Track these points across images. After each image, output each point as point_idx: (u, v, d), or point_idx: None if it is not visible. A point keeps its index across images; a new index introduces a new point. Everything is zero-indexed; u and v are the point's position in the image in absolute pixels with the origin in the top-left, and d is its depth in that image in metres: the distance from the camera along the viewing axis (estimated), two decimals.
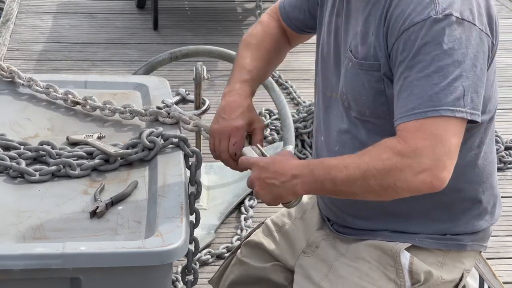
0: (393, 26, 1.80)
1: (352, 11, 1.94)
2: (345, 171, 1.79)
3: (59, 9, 6.23)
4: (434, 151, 1.72)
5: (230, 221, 3.75)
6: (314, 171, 1.83)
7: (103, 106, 2.20)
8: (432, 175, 1.73)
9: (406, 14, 1.78)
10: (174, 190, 1.86)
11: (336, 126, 2.00)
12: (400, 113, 1.77)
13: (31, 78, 2.30)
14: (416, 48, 1.75)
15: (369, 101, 1.89)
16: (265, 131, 4.49)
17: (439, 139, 1.73)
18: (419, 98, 1.74)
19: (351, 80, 1.92)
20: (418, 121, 1.74)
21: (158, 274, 1.70)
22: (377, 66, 1.85)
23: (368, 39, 1.87)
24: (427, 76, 1.74)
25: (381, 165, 1.75)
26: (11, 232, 1.72)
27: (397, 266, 1.95)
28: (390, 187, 1.76)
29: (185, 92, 2.26)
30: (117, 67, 5.31)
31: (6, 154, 1.96)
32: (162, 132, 2.03)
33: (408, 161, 1.73)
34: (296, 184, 1.85)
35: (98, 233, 1.74)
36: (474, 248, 2.03)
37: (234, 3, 6.48)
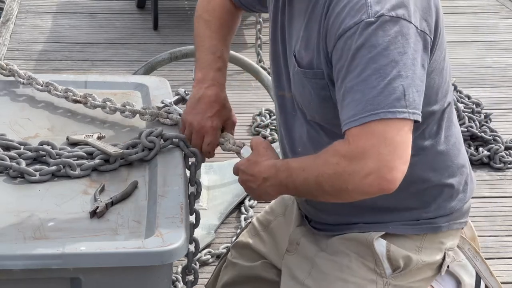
0: (330, 32, 1.76)
1: (294, 13, 1.91)
2: (302, 174, 1.80)
3: (59, 9, 6.23)
4: (378, 153, 1.69)
5: (230, 221, 3.75)
6: (278, 173, 1.86)
7: (103, 104, 2.20)
8: (379, 178, 1.69)
9: (340, 19, 1.74)
10: (174, 190, 1.86)
11: (297, 127, 1.98)
12: (344, 120, 1.74)
13: (30, 76, 2.30)
14: (352, 53, 1.72)
15: (317, 107, 1.88)
16: (265, 131, 4.49)
17: (382, 140, 1.69)
18: (359, 104, 1.70)
19: (298, 86, 1.90)
20: (360, 127, 1.70)
21: (158, 274, 1.70)
22: (321, 74, 1.82)
23: (310, 45, 1.83)
24: (364, 80, 1.70)
25: (331, 170, 1.74)
26: (11, 232, 1.72)
27: (375, 255, 1.95)
28: (343, 191, 1.75)
29: (184, 92, 2.26)
30: (117, 67, 5.30)
31: (6, 154, 1.96)
32: (162, 132, 2.03)
33: (354, 166, 1.71)
34: (268, 187, 1.89)
35: (98, 233, 1.74)
36: (452, 227, 2.01)
37: None
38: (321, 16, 1.80)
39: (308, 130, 1.94)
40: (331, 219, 2.03)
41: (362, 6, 1.72)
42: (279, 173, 1.85)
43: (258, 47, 5.32)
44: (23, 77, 2.31)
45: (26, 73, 2.33)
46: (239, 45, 5.64)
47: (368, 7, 1.72)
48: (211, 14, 2.17)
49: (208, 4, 2.20)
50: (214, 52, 2.12)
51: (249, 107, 4.83)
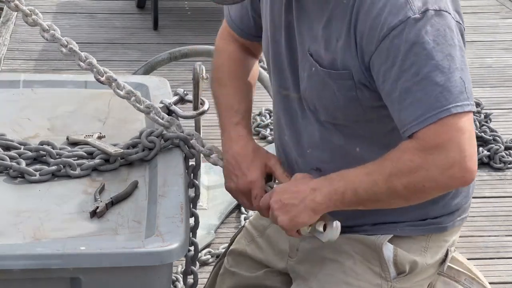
0: (369, 35, 1.71)
1: (303, 10, 1.84)
2: (367, 178, 1.73)
3: (58, 9, 6.23)
4: (458, 144, 1.66)
5: (230, 221, 3.75)
6: (333, 182, 1.77)
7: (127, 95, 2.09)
8: (462, 168, 1.67)
9: (382, 20, 1.69)
10: (174, 190, 1.86)
11: (304, 128, 1.92)
12: (409, 122, 1.70)
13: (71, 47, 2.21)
14: (403, 52, 1.68)
15: (341, 107, 1.82)
16: (265, 131, 4.49)
17: (460, 131, 1.67)
18: (425, 102, 1.67)
19: (317, 87, 1.83)
20: (431, 126, 1.67)
21: (158, 274, 1.69)
22: (348, 75, 1.77)
23: (332, 45, 1.78)
24: (425, 78, 1.67)
25: (405, 167, 1.69)
26: (11, 232, 1.72)
27: (381, 259, 1.92)
28: (418, 189, 1.71)
29: (183, 92, 2.25)
30: (117, 67, 5.30)
31: (6, 154, 1.96)
32: (163, 132, 2.03)
33: (433, 159, 1.67)
34: (315, 197, 1.78)
35: (98, 233, 1.74)
36: (455, 225, 1.99)
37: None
38: (350, 16, 1.74)
39: (321, 131, 1.88)
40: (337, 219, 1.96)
41: (404, 3, 1.68)
42: (334, 182, 1.77)
43: None
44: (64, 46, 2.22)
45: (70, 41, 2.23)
46: None
47: (411, 3, 1.68)
48: (221, 70, 2.11)
49: (217, 61, 2.14)
50: (229, 108, 2.04)
51: None
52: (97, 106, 2.25)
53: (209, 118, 4.30)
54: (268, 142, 4.40)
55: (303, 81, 1.87)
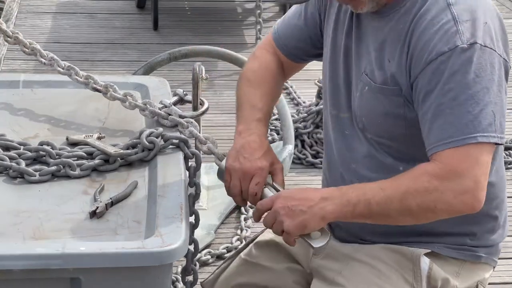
0: (418, 56, 1.83)
1: (363, 35, 1.96)
2: (382, 193, 1.81)
3: (58, 9, 6.23)
4: (473, 173, 1.78)
5: (230, 221, 3.75)
6: (346, 193, 1.83)
7: (124, 97, 2.16)
8: (473, 197, 1.79)
9: (432, 45, 1.81)
10: (174, 191, 1.86)
11: (351, 146, 2.01)
12: (436, 141, 1.81)
13: (53, 57, 2.26)
14: (446, 77, 1.79)
15: (387, 125, 1.92)
16: None
17: (476, 162, 1.78)
18: (455, 126, 1.78)
19: (366, 104, 1.94)
20: (456, 148, 1.78)
21: (158, 274, 1.70)
22: (398, 91, 1.89)
23: (384, 65, 1.90)
24: (460, 104, 1.79)
25: (421, 187, 1.79)
26: (11, 232, 1.72)
27: (416, 269, 1.96)
28: (429, 209, 1.80)
29: (183, 93, 2.25)
30: (117, 67, 5.30)
31: (6, 154, 1.96)
32: (162, 132, 2.03)
33: (449, 184, 1.78)
34: (326, 206, 1.83)
35: (98, 233, 1.74)
36: (488, 261, 2.05)
37: (234, 3, 6.48)
38: (405, 39, 1.86)
39: (368, 148, 1.97)
40: (374, 238, 2.03)
41: (454, 33, 1.80)
42: (347, 193, 1.83)
43: None
44: (45, 58, 2.28)
45: (48, 53, 2.29)
46: (239, 45, 5.64)
47: (461, 34, 1.80)
48: (253, 72, 2.19)
49: (251, 65, 2.22)
50: (253, 105, 2.11)
51: None
52: (97, 106, 2.25)
53: (209, 118, 4.31)
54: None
55: (355, 100, 1.97)
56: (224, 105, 4.85)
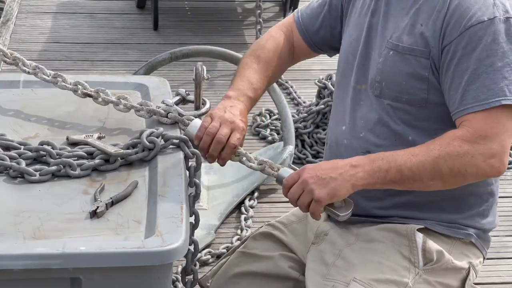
0: (457, 22, 1.93)
1: (392, 9, 2.04)
2: (414, 159, 1.89)
3: (58, 9, 6.22)
4: (502, 138, 1.89)
5: (230, 221, 3.75)
6: (375, 161, 1.91)
7: (117, 101, 2.17)
8: (500, 160, 1.90)
9: (471, 12, 1.93)
10: (174, 190, 1.86)
11: (363, 114, 2.07)
12: (469, 103, 1.91)
13: (37, 66, 2.26)
14: (484, 44, 1.91)
15: (409, 87, 1.99)
16: (265, 131, 4.49)
17: (506, 128, 1.90)
18: (491, 90, 1.89)
19: (391, 68, 2.00)
20: (488, 110, 1.89)
21: (158, 274, 1.70)
22: (427, 53, 1.97)
23: (416, 29, 1.98)
24: (496, 70, 1.90)
25: (453, 151, 1.88)
26: (11, 232, 1.72)
27: (411, 244, 2.02)
28: (460, 173, 1.90)
29: (185, 92, 2.25)
30: (117, 67, 5.30)
31: (6, 154, 1.96)
32: (163, 132, 2.03)
33: (479, 147, 1.89)
34: (356, 173, 1.89)
35: (98, 233, 1.74)
36: (477, 245, 2.10)
37: (234, 3, 6.47)
38: (443, 4, 1.96)
39: (380, 115, 2.03)
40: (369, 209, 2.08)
41: (492, 5, 1.94)
42: (377, 161, 1.91)
43: None
44: (28, 67, 2.28)
45: (31, 63, 2.28)
46: (239, 45, 5.64)
47: (497, 7, 1.94)
48: (262, 49, 2.25)
49: (263, 41, 2.28)
50: (251, 83, 2.17)
51: None
52: (97, 106, 2.25)
53: None
54: (268, 142, 4.39)
55: (376, 68, 2.03)
56: None
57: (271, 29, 2.32)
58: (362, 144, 2.06)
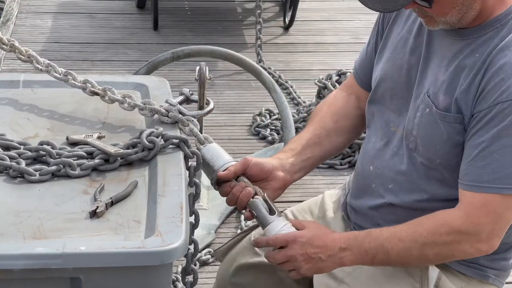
0: (489, 93, 1.81)
1: (433, 54, 1.94)
2: (401, 244, 1.85)
3: (59, 9, 6.23)
4: (493, 227, 1.83)
5: (230, 221, 3.75)
6: (363, 244, 1.88)
7: (123, 99, 2.18)
8: (487, 246, 1.85)
9: (505, 86, 1.78)
10: (174, 190, 1.86)
11: (394, 165, 2.00)
12: (470, 181, 1.82)
13: (49, 63, 2.26)
14: (507, 123, 1.78)
15: (444, 152, 1.90)
16: (265, 131, 4.49)
17: (500, 217, 1.82)
18: (495, 173, 1.79)
19: (426, 127, 1.92)
20: (486, 195, 1.80)
21: (158, 274, 1.70)
22: (461, 119, 1.86)
23: (455, 91, 1.86)
24: (509, 153, 1.78)
25: (440, 240, 1.83)
26: (11, 232, 1.72)
27: (423, 276, 1.99)
28: (447, 257, 1.88)
29: (189, 92, 2.25)
30: (117, 67, 5.30)
31: (6, 154, 1.96)
32: (163, 132, 2.03)
33: (467, 236, 1.83)
34: (344, 257, 1.89)
35: (98, 233, 1.74)
36: (495, 283, 2.06)
37: (234, 3, 6.48)
38: (480, 68, 1.82)
39: (411, 171, 1.96)
40: None
41: None
42: (364, 244, 1.88)
43: (258, 47, 5.32)
44: (41, 64, 2.29)
45: (45, 61, 2.28)
46: (239, 45, 5.64)
47: None
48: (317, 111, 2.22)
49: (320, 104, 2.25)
50: (290, 143, 2.19)
51: (249, 107, 4.83)
52: (97, 106, 2.25)
53: (211, 118, 4.30)
54: (268, 142, 4.39)
55: (412, 120, 1.95)
56: (224, 105, 4.85)
57: (333, 91, 2.28)
58: (390, 199, 2.02)
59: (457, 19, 1.83)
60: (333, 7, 6.53)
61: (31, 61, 2.29)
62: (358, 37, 5.92)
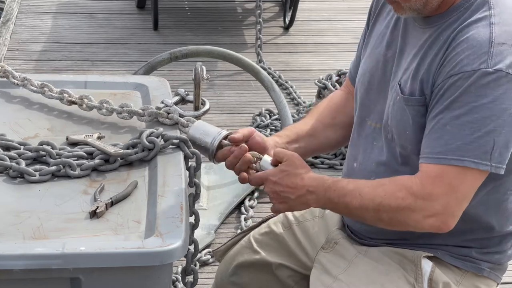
0: (444, 67, 1.82)
1: (407, 46, 1.96)
2: (359, 199, 1.86)
3: (59, 9, 6.23)
4: (447, 200, 1.79)
5: (230, 221, 3.75)
6: (328, 191, 1.90)
7: (100, 105, 2.19)
8: (441, 221, 1.81)
9: (458, 59, 1.79)
10: (174, 190, 1.86)
11: (375, 157, 2.03)
12: (426, 153, 1.83)
13: (25, 77, 2.29)
14: (458, 94, 1.78)
15: (412, 137, 1.91)
16: (265, 131, 4.49)
17: (454, 189, 1.79)
18: (448, 145, 1.78)
19: (396, 115, 1.94)
20: (440, 166, 1.79)
21: (158, 274, 1.70)
22: (423, 101, 1.87)
23: (419, 75, 1.88)
24: (461, 125, 1.77)
25: (394, 203, 1.83)
26: (11, 232, 1.72)
27: (418, 271, 1.99)
28: (400, 223, 1.86)
29: (184, 92, 2.25)
30: (117, 67, 5.30)
31: (6, 154, 1.96)
32: (162, 132, 2.03)
33: (421, 204, 1.81)
34: (310, 199, 1.93)
35: (98, 233, 1.74)
36: (491, 277, 2.05)
37: (234, 3, 6.48)
38: (440, 49, 1.85)
39: (389, 160, 1.98)
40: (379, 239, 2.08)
41: (483, 55, 1.77)
42: (329, 191, 1.90)
43: (258, 47, 5.32)
44: (17, 79, 2.30)
45: (20, 75, 2.31)
46: (239, 45, 5.64)
47: (489, 58, 1.77)
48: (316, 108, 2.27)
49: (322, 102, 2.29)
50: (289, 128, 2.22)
51: (249, 107, 4.83)
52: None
53: (209, 118, 4.29)
54: None
55: (388, 111, 1.97)
56: (224, 105, 4.85)
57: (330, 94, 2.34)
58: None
59: (421, 4, 1.86)
60: (333, 7, 6.53)
61: (7, 76, 2.30)
62: (358, 37, 5.88)
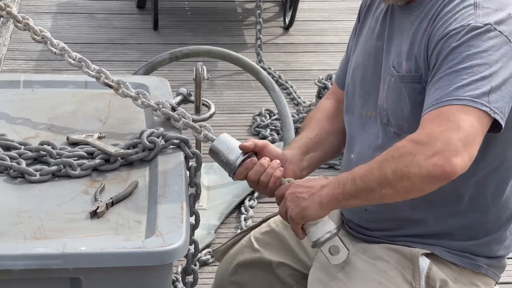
0: (434, 36, 1.84)
1: (395, 33, 1.98)
2: (366, 166, 1.83)
3: (58, 9, 6.23)
4: (448, 135, 1.71)
5: (230, 221, 3.75)
6: (340, 177, 1.88)
7: (136, 95, 2.16)
8: (444, 159, 1.70)
9: (447, 24, 1.82)
10: (174, 190, 1.86)
11: (372, 143, 2.02)
12: (425, 106, 1.79)
13: (64, 48, 2.26)
14: (451, 49, 1.79)
15: (409, 114, 1.90)
16: (265, 131, 4.49)
17: (456, 126, 1.72)
18: (445, 90, 1.76)
19: (392, 95, 1.94)
20: (439, 109, 1.75)
21: (158, 274, 1.70)
22: (419, 78, 1.88)
23: (413, 54, 1.89)
24: (456, 72, 1.76)
25: (396, 152, 1.77)
26: (11, 232, 1.72)
27: (415, 269, 1.98)
28: (403, 174, 1.74)
29: (187, 92, 2.25)
30: (117, 67, 5.30)
31: (6, 154, 1.96)
32: (163, 132, 2.03)
33: (422, 146, 1.73)
34: (323, 194, 1.88)
35: (98, 233, 1.74)
36: (489, 274, 2.04)
37: (234, 3, 6.47)
38: (428, 23, 1.87)
39: (385, 143, 1.95)
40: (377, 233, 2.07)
41: (470, 15, 1.81)
42: (340, 177, 1.88)
43: (258, 47, 5.32)
44: (55, 47, 2.27)
45: (59, 43, 2.27)
46: (239, 45, 5.64)
47: (477, 16, 1.80)
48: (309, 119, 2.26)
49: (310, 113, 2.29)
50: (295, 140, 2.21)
51: (249, 107, 4.83)
52: (97, 106, 2.25)
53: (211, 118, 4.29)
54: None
55: (382, 95, 1.98)
56: (224, 105, 4.85)
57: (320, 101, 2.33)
58: None
59: None
60: (333, 7, 6.54)
61: (45, 42, 2.26)
62: None
